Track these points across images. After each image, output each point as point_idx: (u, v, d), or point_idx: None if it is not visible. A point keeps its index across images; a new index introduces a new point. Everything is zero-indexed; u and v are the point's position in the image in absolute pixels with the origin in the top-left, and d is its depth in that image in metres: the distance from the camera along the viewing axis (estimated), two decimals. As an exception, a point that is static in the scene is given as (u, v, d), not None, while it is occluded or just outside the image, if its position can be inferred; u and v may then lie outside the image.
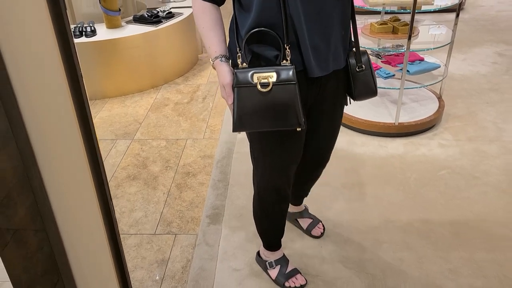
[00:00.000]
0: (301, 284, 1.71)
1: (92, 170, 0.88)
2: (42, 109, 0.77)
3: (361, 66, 1.34)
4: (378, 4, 2.42)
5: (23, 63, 0.73)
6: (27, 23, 0.71)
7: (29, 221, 0.82)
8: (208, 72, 3.65)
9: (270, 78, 1.19)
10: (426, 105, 2.77)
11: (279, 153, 1.42)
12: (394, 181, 2.28)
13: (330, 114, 1.46)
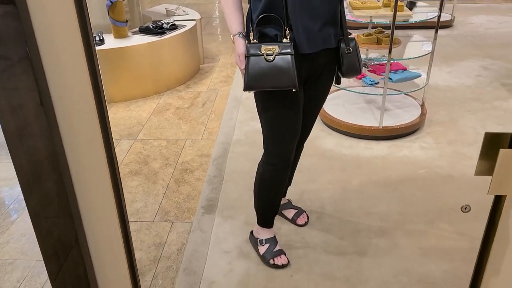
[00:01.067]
0: (283, 263, 1.90)
1: (107, 154, 1.06)
2: (72, 109, 0.96)
3: (349, 49, 1.66)
4: (362, 16, 2.64)
5: (59, 70, 0.92)
6: (63, 40, 0.89)
7: (55, 195, 1.01)
8: (208, 81, 3.87)
9: (274, 50, 1.54)
10: (410, 111, 2.97)
11: (281, 117, 1.70)
12: (376, 178, 2.47)
13: (320, 87, 1.76)
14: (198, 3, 6.80)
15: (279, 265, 1.90)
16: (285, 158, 1.78)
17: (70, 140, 1.00)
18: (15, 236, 2.17)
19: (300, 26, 1.55)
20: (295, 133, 1.74)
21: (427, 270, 1.88)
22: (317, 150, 2.75)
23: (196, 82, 3.85)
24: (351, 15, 2.72)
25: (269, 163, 1.81)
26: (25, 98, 0.91)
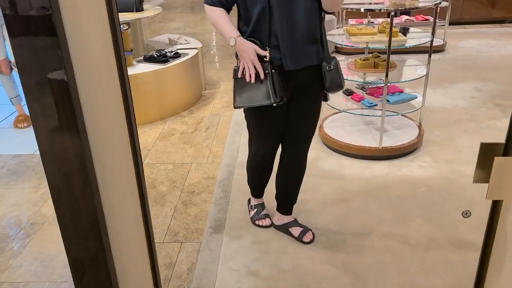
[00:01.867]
0: (266, 224, 2.30)
1: (136, 176, 1.15)
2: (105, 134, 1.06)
3: (330, 66, 1.87)
4: (359, 42, 2.77)
5: (95, 96, 1.02)
6: (102, 67, 1.00)
7: (82, 193, 1.09)
8: (211, 106, 3.98)
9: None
10: (407, 132, 3.07)
11: (264, 125, 1.99)
12: (378, 197, 2.55)
13: (304, 99, 1.96)
14: (197, 32, 7.00)
15: (262, 225, 2.30)
16: (266, 155, 2.09)
17: (101, 162, 1.08)
18: (28, 260, 2.21)
19: (285, 46, 1.78)
20: (272, 145, 2.04)
21: (431, 284, 1.93)
22: (319, 170, 2.84)
23: (199, 108, 3.95)
24: (348, 41, 2.85)
25: (252, 160, 2.17)
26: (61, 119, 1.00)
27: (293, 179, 2.20)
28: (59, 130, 1.03)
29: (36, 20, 0.90)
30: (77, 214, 1.13)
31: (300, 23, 1.78)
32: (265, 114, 1.92)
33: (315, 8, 1.81)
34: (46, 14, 0.89)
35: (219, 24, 1.84)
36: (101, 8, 0.91)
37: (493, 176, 0.91)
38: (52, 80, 0.98)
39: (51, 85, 0.98)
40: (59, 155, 1.06)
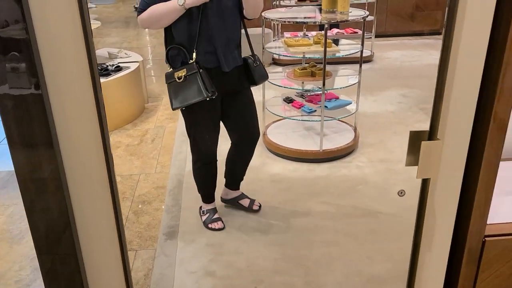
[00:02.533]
0: (219, 227, 2.39)
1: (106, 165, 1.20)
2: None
3: (256, 63, 2.19)
4: (296, 52, 2.97)
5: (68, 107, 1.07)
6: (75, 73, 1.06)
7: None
8: (154, 119, 4.01)
9: (182, 73, 1.95)
10: (345, 135, 3.30)
11: (201, 125, 2.15)
12: (320, 196, 2.72)
13: (238, 96, 2.20)
14: (134, 47, 6.96)
15: (215, 228, 2.39)
16: (208, 156, 2.27)
17: (72, 169, 1.13)
18: None
19: (221, 52, 2.02)
20: (212, 140, 2.22)
21: (374, 270, 2.12)
22: (265, 175, 2.97)
23: (143, 120, 3.97)
24: (287, 52, 3.04)
25: (195, 162, 2.31)
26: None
27: (241, 159, 2.46)
28: (33, 144, 1.08)
29: (9, 39, 0.96)
30: (50, 223, 1.17)
31: (229, 32, 2.04)
32: (201, 114, 2.12)
33: (238, 17, 2.08)
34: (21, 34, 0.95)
35: (156, 12, 1.91)
36: (75, 23, 0.98)
37: (421, 158, 1.08)
38: (27, 96, 1.03)
39: (27, 100, 1.03)
40: (33, 168, 1.10)
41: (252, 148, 2.41)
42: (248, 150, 2.41)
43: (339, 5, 2.96)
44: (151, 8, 1.92)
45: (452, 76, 1.06)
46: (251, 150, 2.42)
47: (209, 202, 2.48)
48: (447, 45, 1.01)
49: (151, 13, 1.92)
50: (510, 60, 1.06)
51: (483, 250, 1.32)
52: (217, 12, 1.95)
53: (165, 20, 1.93)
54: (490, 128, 1.14)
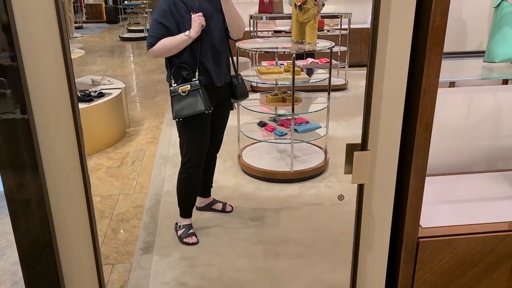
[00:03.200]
0: (193, 242, 2.55)
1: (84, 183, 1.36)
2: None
3: (238, 80, 2.52)
4: (268, 79, 3.19)
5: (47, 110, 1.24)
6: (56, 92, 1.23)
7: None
8: (135, 142, 4.17)
9: (186, 88, 2.28)
10: (315, 158, 3.50)
11: (195, 134, 2.41)
12: (291, 213, 2.90)
13: (223, 110, 2.54)
14: (118, 75, 7.16)
15: (189, 243, 2.54)
16: (198, 163, 2.49)
17: (54, 191, 1.29)
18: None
19: (214, 69, 2.33)
20: (204, 145, 2.46)
21: (336, 278, 2.28)
22: (240, 194, 3.14)
23: (124, 144, 4.12)
24: (259, 79, 3.26)
25: (184, 169, 2.50)
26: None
27: (212, 167, 2.77)
28: (20, 165, 1.24)
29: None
30: (34, 238, 1.32)
31: (220, 52, 2.37)
32: (194, 123, 2.38)
33: (226, 40, 2.42)
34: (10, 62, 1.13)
35: (167, 44, 2.24)
36: (56, 51, 1.16)
37: (354, 166, 1.27)
38: (16, 120, 1.19)
39: (15, 124, 1.20)
40: (19, 188, 1.26)
41: (216, 156, 2.77)
42: (215, 157, 2.76)
43: (307, 37, 3.21)
44: (162, 42, 2.24)
45: (379, 96, 1.26)
46: (216, 158, 2.78)
47: (186, 217, 2.63)
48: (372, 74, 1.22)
49: (162, 45, 2.24)
50: (427, 86, 1.28)
51: (418, 250, 1.50)
52: (210, 37, 2.31)
53: (175, 49, 2.27)
54: (416, 140, 1.34)
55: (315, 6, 3.07)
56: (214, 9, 2.31)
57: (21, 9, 1.12)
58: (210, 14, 2.29)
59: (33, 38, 1.14)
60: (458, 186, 1.81)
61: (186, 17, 2.24)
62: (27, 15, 1.12)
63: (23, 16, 1.12)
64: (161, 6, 2.26)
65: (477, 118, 1.92)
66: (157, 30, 2.25)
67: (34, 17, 1.12)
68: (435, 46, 1.24)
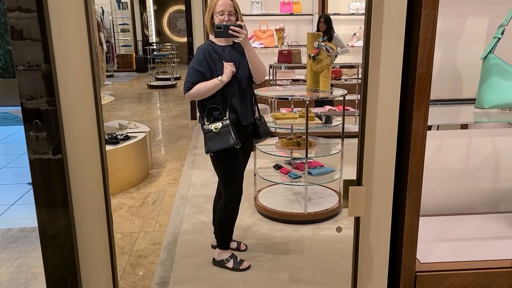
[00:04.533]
0: (248, 266, 2.77)
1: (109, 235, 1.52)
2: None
3: (261, 121, 2.80)
4: (283, 124, 3.37)
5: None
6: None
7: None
8: (157, 183, 4.35)
9: (218, 126, 2.53)
10: (329, 200, 3.59)
11: (234, 169, 2.66)
12: (303, 253, 2.97)
13: (248, 147, 2.80)
14: (144, 120, 7.49)
15: (246, 267, 2.75)
16: (238, 193, 2.70)
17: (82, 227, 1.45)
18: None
19: (240, 110, 2.59)
20: (241, 175, 2.70)
21: (345, 318, 2.32)
22: (254, 234, 3.24)
23: (146, 185, 4.31)
24: (274, 123, 3.44)
25: (227, 198, 2.69)
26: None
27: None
28: (53, 203, 1.40)
29: (38, 110, 1.33)
30: (60, 269, 1.46)
31: (246, 95, 2.64)
32: (228, 157, 2.61)
33: (251, 84, 2.70)
34: (49, 106, 1.32)
35: (202, 88, 2.52)
36: (89, 98, 1.35)
37: (350, 200, 1.39)
38: (51, 160, 1.36)
39: (50, 164, 1.37)
40: (51, 223, 1.41)
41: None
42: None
43: (321, 85, 3.40)
44: (197, 86, 2.52)
45: (372, 135, 1.40)
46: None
47: (227, 248, 2.81)
48: (365, 106, 1.37)
49: (198, 89, 2.53)
50: (417, 127, 1.41)
51: (415, 284, 1.57)
52: (238, 82, 2.59)
53: (209, 93, 2.53)
54: (409, 176, 1.45)
55: (328, 57, 3.28)
56: (241, 58, 2.60)
57: (61, 59, 1.32)
58: (238, 63, 2.58)
59: (70, 86, 1.33)
60: (458, 225, 1.89)
61: (219, 64, 2.53)
62: (66, 64, 1.32)
63: (63, 65, 1.32)
64: (198, 55, 2.57)
65: (479, 160, 2.02)
66: (194, 76, 2.53)
67: (72, 67, 1.32)
68: (422, 91, 1.38)
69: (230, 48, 2.61)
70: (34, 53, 1.28)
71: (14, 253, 3.09)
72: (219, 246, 2.80)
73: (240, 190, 2.70)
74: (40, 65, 1.29)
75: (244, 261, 2.77)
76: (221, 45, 2.60)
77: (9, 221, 3.60)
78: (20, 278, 2.77)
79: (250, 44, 2.58)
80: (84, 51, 1.31)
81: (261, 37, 6.40)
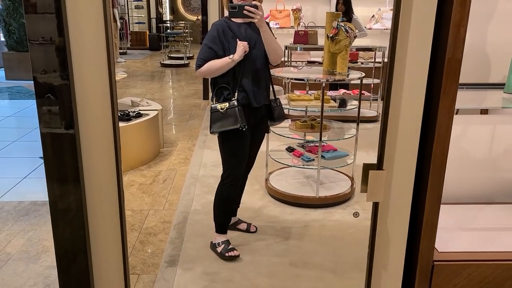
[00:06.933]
0: (236, 255, 2.62)
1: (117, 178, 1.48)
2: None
3: (277, 103, 2.69)
4: (298, 106, 3.30)
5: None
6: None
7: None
8: (168, 162, 4.33)
9: (225, 106, 2.45)
10: (341, 185, 3.54)
11: (237, 152, 2.56)
12: (313, 237, 2.93)
13: (261, 130, 2.70)
14: (156, 98, 7.45)
15: (232, 256, 2.61)
16: (237, 177, 2.61)
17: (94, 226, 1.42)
18: (-8, 290, 2.37)
19: (251, 90, 2.48)
20: (243, 159, 2.60)
21: (354, 304, 2.29)
22: (265, 216, 3.20)
23: (157, 163, 4.29)
24: (289, 105, 3.37)
25: (224, 181, 2.62)
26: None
27: (242, 187, 2.85)
28: (64, 177, 1.36)
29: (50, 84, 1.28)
30: (70, 244, 1.43)
31: (260, 76, 2.53)
32: (232, 139, 2.53)
33: (266, 64, 2.57)
34: (62, 81, 1.28)
35: (213, 66, 2.43)
36: (103, 73, 1.30)
37: (369, 185, 1.34)
38: (63, 135, 1.33)
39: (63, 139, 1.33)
40: (62, 198, 1.38)
41: (247, 175, 2.86)
42: (246, 177, 2.85)
43: (338, 67, 3.31)
44: (209, 64, 2.43)
45: (396, 117, 1.33)
46: (246, 177, 2.87)
47: (223, 232, 2.72)
48: (389, 96, 1.30)
49: (209, 67, 2.44)
50: (444, 111, 1.34)
51: (433, 273, 1.52)
52: (251, 62, 2.48)
53: (220, 71, 2.45)
54: (432, 161, 1.39)
55: (346, 37, 3.18)
56: (257, 37, 2.49)
57: (75, 33, 1.26)
58: (254, 42, 2.48)
59: (84, 60, 1.28)
60: (479, 215, 1.83)
61: (232, 42, 2.43)
62: (80, 39, 1.26)
63: (77, 40, 1.26)
64: (211, 32, 2.48)
65: (503, 148, 1.94)
66: (206, 53, 2.45)
67: (86, 41, 1.27)
68: (451, 76, 1.31)
69: (247, 26, 2.51)
70: (48, 27, 1.23)
71: (25, 226, 3.10)
72: (216, 229, 2.73)
73: (238, 174, 2.62)
74: (54, 39, 1.24)
75: (234, 250, 2.65)
76: (237, 22, 2.51)
77: (21, 195, 3.61)
78: (31, 251, 2.78)
79: (266, 25, 2.46)
80: (99, 25, 1.25)
81: (277, 17, 6.27)
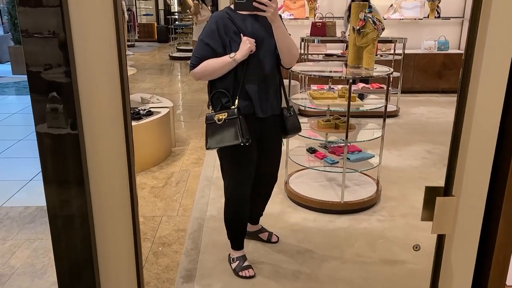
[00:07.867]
0: (250, 275, 2.36)
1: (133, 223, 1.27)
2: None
3: (290, 113, 2.31)
4: (321, 105, 3.05)
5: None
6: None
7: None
8: (180, 162, 4.12)
9: (223, 116, 2.08)
10: (367, 188, 3.30)
11: (239, 168, 2.22)
12: (340, 247, 2.70)
13: (270, 143, 2.32)
14: (165, 93, 7.24)
15: (246, 276, 2.36)
16: (240, 198, 2.29)
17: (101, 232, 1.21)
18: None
19: (258, 98, 2.12)
20: (245, 180, 2.25)
21: (391, 328, 2.06)
22: (285, 223, 2.98)
23: (169, 164, 4.08)
24: (312, 104, 3.13)
25: (228, 202, 2.34)
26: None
27: (265, 201, 2.62)
28: (66, 181, 1.16)
29: (51, 81, 1.07)
30: (74, 258, 1.23)
31: (269, 81, 2.16)
32: (235, 156, 2.19)
33: (276, 67, 2.20)
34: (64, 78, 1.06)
35: (210, 66, 2.07)
36: (112, 68, 1.09)
37: (436, 214, 1.11)
38: (65, 135, 1.12)
39: (64, 139, 1.13)
40: (63, 204, 1.18)
41: (270, 190, 2.58)
42: (266, 192, 2.58)
43: (364, 62, 3.06)
44: (205, 63, 2.07)
45: (467, 133, 1.10)
46: (269, 192, 2.59)
47: (238, 249, 2.47)
48: (462, 103, 1.06)
49: (205, 67, 2.07)
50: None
51: (502, 312, 1.30)
52: (257, 63, 2.11)
53: (218, 73, 2.08)
54: (508, 185, 1.15)
55: (374, 30, 2.93)
56: (266, 34, 2.11)
57: (79, 27, 1.05)
58: (262, 39, 2.10)
59: (89, 56, 1.08)
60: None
61: (235, 38, 2.06)
62: (85, 32, 1.05)
63: (81, 34, 1.05)
64: (209, 25, 2.09)
65: None
66: (201, 51, 2.08)
67: (92, 35, 1.05)
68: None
69: (253, 20, 2.09)
70: (50, 20, 1.02)
71: (30, 234, 2.91)
72: (230, 245, 2.48)
73: (242, 194, 2.28)
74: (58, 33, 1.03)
75: (249, 268, 2.39)
76: (242, 14, 2.08)
77: (27, 199, 3.43)
78: (37, 264, 2.59)
79: (280, 20, 2.04)
80: (108, 17, 1.03)
81: (291, 7, 6.00)
